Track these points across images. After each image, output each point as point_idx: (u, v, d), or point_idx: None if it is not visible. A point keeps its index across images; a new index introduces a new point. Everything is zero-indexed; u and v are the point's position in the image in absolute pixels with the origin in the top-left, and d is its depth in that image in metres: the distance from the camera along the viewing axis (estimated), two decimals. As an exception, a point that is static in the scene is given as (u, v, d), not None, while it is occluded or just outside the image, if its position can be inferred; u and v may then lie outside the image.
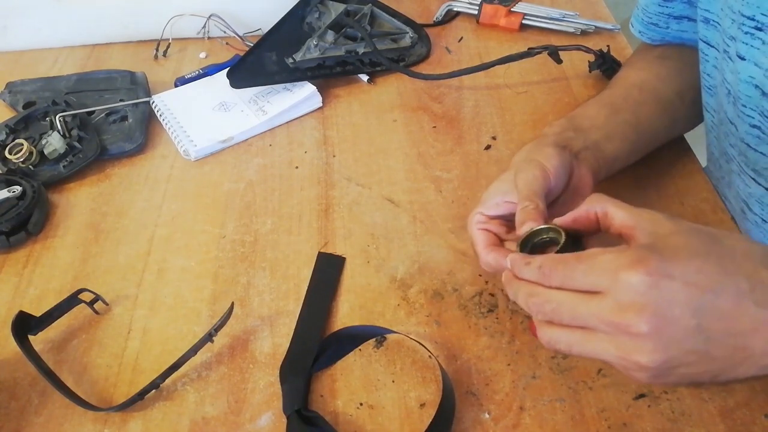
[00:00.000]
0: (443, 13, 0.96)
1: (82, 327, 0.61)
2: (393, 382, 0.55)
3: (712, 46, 0.62)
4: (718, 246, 0.38)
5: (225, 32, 0.92)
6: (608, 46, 0.83)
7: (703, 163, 0.73)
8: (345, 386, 0.55)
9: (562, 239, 0.46)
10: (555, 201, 0.56)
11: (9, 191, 0.69)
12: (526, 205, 0.50)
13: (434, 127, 0.79)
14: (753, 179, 0.61)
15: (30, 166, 0.74)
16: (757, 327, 0.36)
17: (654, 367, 0.37)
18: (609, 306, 0.37)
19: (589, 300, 0.39)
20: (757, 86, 0.55)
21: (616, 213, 0.43)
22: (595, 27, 0.90)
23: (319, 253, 0.65)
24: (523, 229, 0.49)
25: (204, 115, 0.81)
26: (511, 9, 0.92)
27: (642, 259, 0.37)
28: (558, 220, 0.47)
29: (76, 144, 0.75)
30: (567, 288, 0.40)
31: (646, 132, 0.65)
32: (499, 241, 0.55)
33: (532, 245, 0.49)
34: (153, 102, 0.83)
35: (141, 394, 0.54)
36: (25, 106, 0.82)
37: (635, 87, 0.67)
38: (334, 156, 0.76)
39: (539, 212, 0.50)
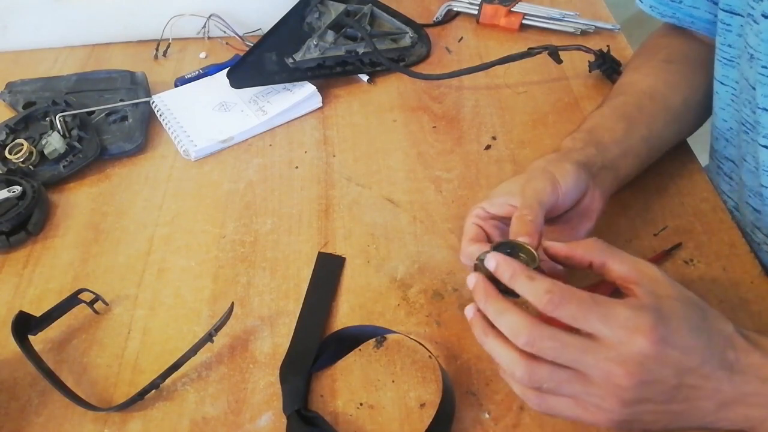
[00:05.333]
0: (443, 13, 0.96)
1: (82, 327, 0.61)
2: (393, 382, 0.55)
3: (737, 14, 0.62)
4: (705, 322, 0.43)
5: (225, 32, 0.92)
6: (608, 46, 0.83)
7: (704, 163, 0.73)
8: (345, 386, 0.55)
9: (534, 267, 0.47)
10: (560, 217, 0.56)
11: (9, 191, 0.69)
12: (525, 214, 0.50)
13: (434, 127, 0.79)
14: (764, 147, 0.61)
15: (30, 166, 0.74)
16: (714, 392, 0.42)
17: (619, 418, 0.43)
18: (613, 357, 0.41)
19: (595, 348, 0.41)
20: None
21: (615, 266, 0.45)
22: (595, 27, 0.90)
23: (319, 253, 0.65)
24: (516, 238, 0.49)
25: (204, 115, 0.81)
26: (511, 9, 0.92)
27: (654, 327, 0.41)
28: (551, 246, 0.48)
29: (76, 144, 0.75)
30: (569, 325, 0.42)
31: (656, 146, 0.66)
32: (487, 240, 0.55)
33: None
34: (153, 102, 0.83)
35: (141, 394, 0.54)
36: (25, 106, 0.82)
37: (646, 95, 0.66)
38: (334, 156, 0.76)
39: (535, 226, 0.50)
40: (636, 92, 0.67)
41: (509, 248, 0.49)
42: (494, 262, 0.45)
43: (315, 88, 0.82)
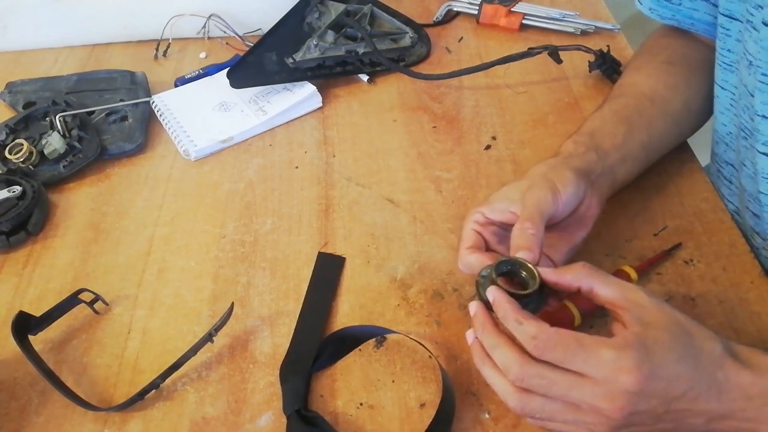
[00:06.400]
0: (443, 13, 0.96)
1: (82, 327, 0.61)
2: (393, 382, 0.55)
3: (736, 19, 0.62)
4: (692, 348, 0.44)
5: (225, 32, 0.92)
6: (608, 46, 0.83)
7: (702, 161, 0.73)
8: (345, 386, 0.55)
9: (534, 288, 0.48)
10: (556, 224, 0.56)
11: (9, 191, 0.69)
12: (527, 227, 0.51)
13: (434, 127, 0.79)
14: (763, 154, 0.61)
15: (30, 166, 0.74)
16: (703, 412, 0.44)
17: None
18: (600, 394, 0.43)
19: (582, 384, 0.43)
20: None
21: (603, 292, 0.46)
22: (595, 27, 0.90)
23: (319, 253, 0.65)
24: (517, 254, 0.50)
25: (204, 115, 0.81)
26: (511, 9, 0.92)
27: (639, 365, 0.42)
28: (540, 272, 0.48)
29: (76, 144, 0.75)
30: (557, 365, 0.43)
31: (655, 151, 0.66)
32: (486, 248, 0.55)
33: (501, 272, 0.49)
34: (153, 102, 0.83)
35: (141, 394, 0.54)
36: (25, 106, 0.82)
37: (647, 98, 0.66)
38: (334, 156, 0.76)
39: (536, 240, 0.50)
40: (637, 94, 0.67)
41: (510, 265, 0.50)
42: (492, 297, 0.47)
43: (315, 88, 0.82)
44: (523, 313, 0.45)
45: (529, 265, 0.49)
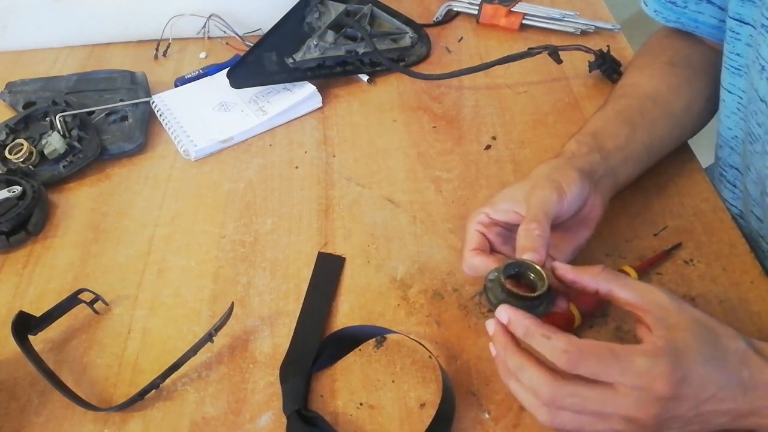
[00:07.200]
0: (443, 13, 0.96)
1: (82, 327, 0.61)
2: (393, 382, 0.55)
3: (747, 24, 0.61)
4: (718, 349, 0.44)
5: (225, 32, 0.92)
6: (608, 46, 0.83)
7: (704, 163, 0.73)
8: (345, 386, 0.55)
9: (543, 289, 0.47)
10: (559, 225, 0.55)
11: (9, 191, 0.69)
12: (533, 228, 0.50)
13: (434, 127, 0.79)
14: None
15: (30, 166, 0.74)
16: (729, 410, 0.44)
17: None
18: (633, 403, 0.42)
19: (615, 397, 0.42)
20: None
21: (622, 294, 0.46)
22: (595, 27, 0.90)
23: (319, 253, 0.65)
24: (523, 255, 0.49)
25: (204, 115, 0.81)
26: (511, 9, 0.92)
27: (671, 371, 0.42)
28: (559, 268, 0.48)
29: (76, 144, 0.75)
30: (591, 378, 0.43)
31: (656, 152, 0.66)
32: (490, 249, 0.55)
33: (509, 275, 0.49)
34: (153, 102, 0.83)
35: (141, 394, 0.54)
36: (25, 106, 0.82)
37: (649, 99, 0.66)
38: (334, 156, 0.76)
39: (542, 240, 0.49)
40: (639, 95, 0.67)
41: (517, 267, 0.49)
42: (506, 316, 0.46)
43: (315, 88, 0.82)
44: (548, 327, 0.44)
45: (537, 267, 0.48)
